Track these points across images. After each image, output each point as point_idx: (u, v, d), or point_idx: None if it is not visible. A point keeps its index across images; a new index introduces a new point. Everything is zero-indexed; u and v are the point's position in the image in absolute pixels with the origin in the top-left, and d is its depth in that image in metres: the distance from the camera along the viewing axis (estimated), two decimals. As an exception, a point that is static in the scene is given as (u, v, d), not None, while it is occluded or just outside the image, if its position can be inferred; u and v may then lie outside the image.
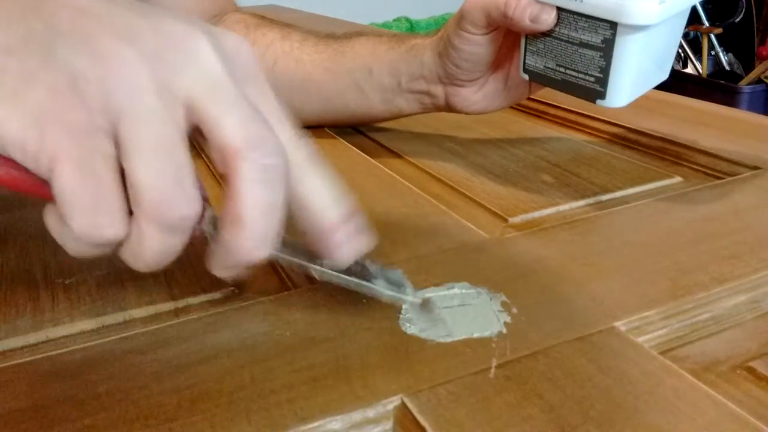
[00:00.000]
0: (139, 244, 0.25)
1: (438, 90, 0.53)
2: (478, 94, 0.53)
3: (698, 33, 2.48)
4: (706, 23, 2.43)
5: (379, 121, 0.62)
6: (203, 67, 0.25)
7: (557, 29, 0.45)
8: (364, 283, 0.31)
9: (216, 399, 0.27)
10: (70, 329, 0.33)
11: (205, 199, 0.27)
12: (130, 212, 0.25)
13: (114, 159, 0.24)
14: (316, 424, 0.26)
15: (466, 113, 0.54)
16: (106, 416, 0.26)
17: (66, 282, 0.36)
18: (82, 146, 0.24)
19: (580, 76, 0.45)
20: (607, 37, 0.42)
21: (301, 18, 1.27)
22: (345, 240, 0.29)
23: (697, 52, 2.49)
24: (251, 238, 0.26)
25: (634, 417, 0.25)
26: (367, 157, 0.56)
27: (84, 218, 0.24)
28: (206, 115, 0.25)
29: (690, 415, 0.25)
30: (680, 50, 2.52)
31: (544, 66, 0.47)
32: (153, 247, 0.26)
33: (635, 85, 0.45)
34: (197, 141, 0.27)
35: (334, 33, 0.60)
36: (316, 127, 0.63)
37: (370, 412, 0.26)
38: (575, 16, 0.43)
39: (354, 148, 0.58)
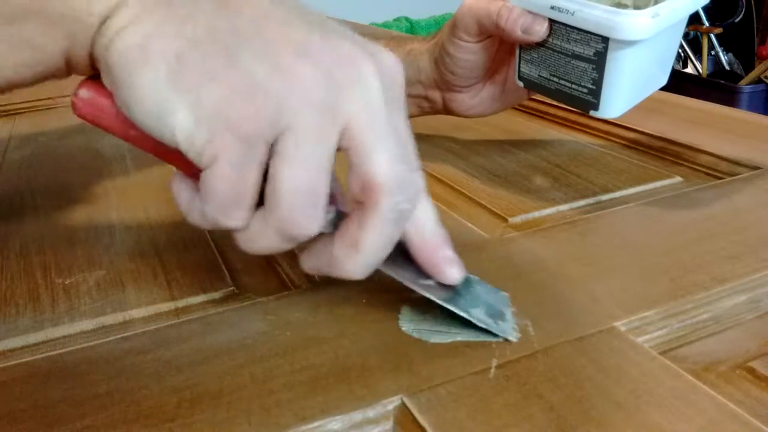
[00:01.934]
0: (256, 239, 0.27)
1: (436, 95, 0.53)
2: (476, 99, 0.53)
3: (698, 33, 2.48)
4: (706, 23, 2.43)
5: None
6: (367, 93, 0.26)
7: (550, 40, 0.45)
8: (460, 312, 0.30)
9: (216, 399, 0.27)
10: (70, 329, 0.33)
11: (333, 197, 0.28)
12: (259, 203, 0.26)
13: (264, 163, 0.25)
14: (316, 424, 0.26)
15: (465, 117, 0.54)
16: (106, 416, 0.26)
17: (66, 282, 0.36)
18: (244, 153, 0.25)
19: (574, 86, 0.45)
20: (599, 50, 0.42)
21: (301, 18, 1.27)
22: (453, 257, 0.30)
23: (697, 52, 2.49)
24: (361, 263, 0.28)
25: (634, 417, 0.25)
26: (367, 157, 0.56)
27: (218, 206, 0.26)
28: (359, 142, 0.26)
29: (690, 415, 0.25)
30: (680, 50, 2.52)
31: (539, 75, 0.47)
32: (267, 244, 0.27)
33: (630, 95, 0.45)
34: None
35: None
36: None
37: (370, 412, 0.26)
38: (567, 28, 0.43)
39: (354, 148, 0.58)
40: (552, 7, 0.43)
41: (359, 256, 0.27)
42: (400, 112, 0.28)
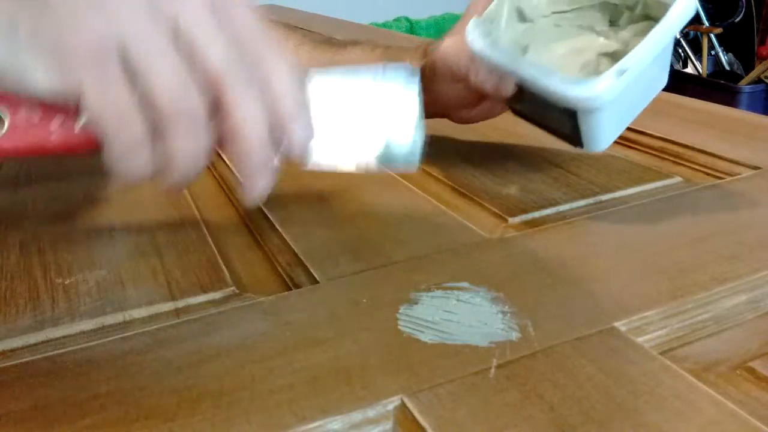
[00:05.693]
0: (170, 152, 0.28)
1: (432, 109, 0.53)
2: (474, 112, 0.52)
3: (698, 33, 2.48)
4: (706, 23, 2.43)
5: None
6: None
7: (526, 89, 0.42)
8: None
9: (216, 399, 0.27)
10: (70, 329, 0.33)
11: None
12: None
13: (128, 82, 0.27)
14: (316, 424, 0.26)
15: (465, 124, 0.54)
16: (106, 416, 0.26)
17: (66, 282, 0.36)
18: (99, 73, 0.27)
19: (557, 126, 0.44)
20: (570, 109, 0.40)
21: (301, 18, 1.26)
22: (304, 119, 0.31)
23: (697, 52, 2.49)
24: (254, 138, 0.29)
25: (634, 417, 0.25)
26: (367, 157, 0.56)
27: (116, 127, 0.27)
28: (187, 39, 0.28)
29: (690, 415, 0.25)
30: (680, 50, 2.52)
31: (524, 109, 0.46)
32: (182, 150, 0.28)
33: (616, 128, 0.43)
34: None
35: (331, 38, 0.60)
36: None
37: (370, 412, 0.26)
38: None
39: (354, 148, 0.58)
40: (514, 72, 0.42)
41: (249, 134, 0.29)
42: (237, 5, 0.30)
